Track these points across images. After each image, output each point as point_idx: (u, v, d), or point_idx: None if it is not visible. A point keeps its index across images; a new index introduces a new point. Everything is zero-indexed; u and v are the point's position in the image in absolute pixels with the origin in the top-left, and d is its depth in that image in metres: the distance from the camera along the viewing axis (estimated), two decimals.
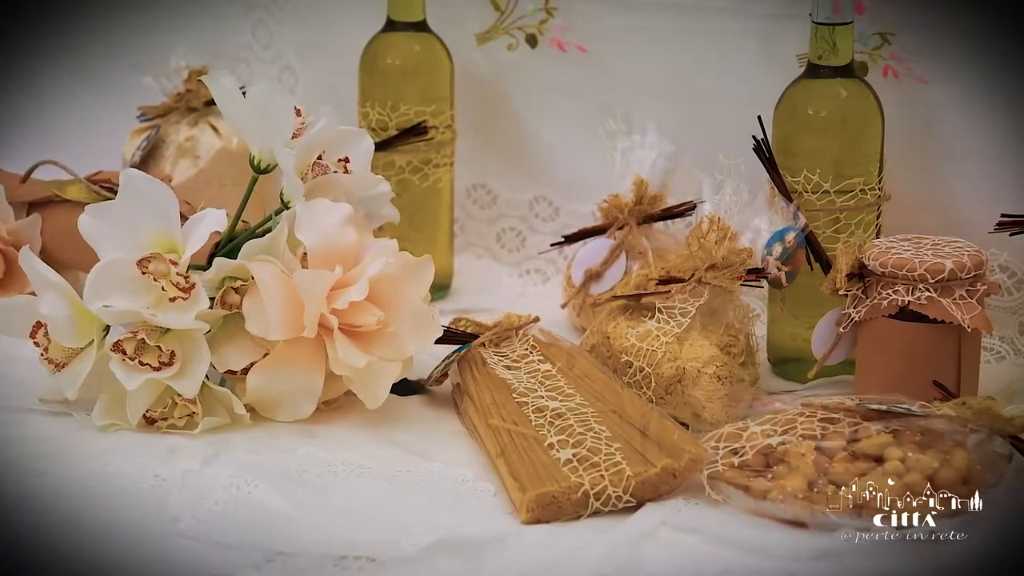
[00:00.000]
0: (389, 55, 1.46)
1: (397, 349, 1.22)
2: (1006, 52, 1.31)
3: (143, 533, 1.06)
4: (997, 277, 1.33)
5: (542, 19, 1.51)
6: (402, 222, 1.37)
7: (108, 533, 1.06)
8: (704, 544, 1.05)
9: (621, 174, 1.41)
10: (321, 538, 1.06)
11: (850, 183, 1.28)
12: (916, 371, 1.18)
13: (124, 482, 1.13)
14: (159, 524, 1.07)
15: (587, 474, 1.10)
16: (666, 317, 1.25)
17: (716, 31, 1.43)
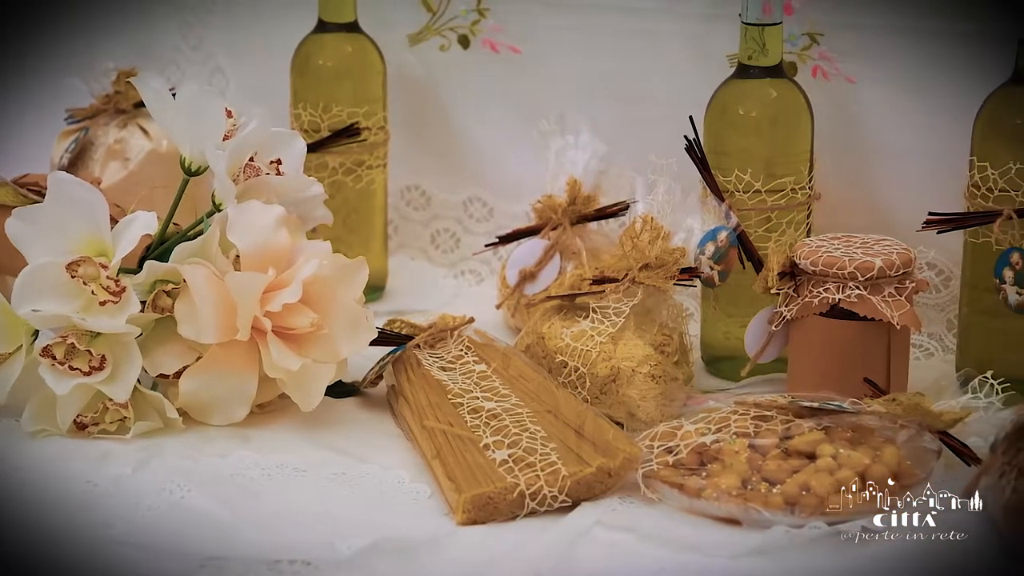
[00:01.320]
0: (321, 56, 1.46)
1: (331, 351, 1.21)
2: (932, 51, 1.33)
3: (75, 540, 1.05)
4: (925, 275, 1.35)
5: (474, 20, 1.51)
6: (336, 224, 1.36)
7: (40, 540, 1.05)
8: (639, 543, 1.06)
9: (554, 174, 1.42)
10: (256, 542, 1.06)
11: (781, 182, 1.29)
12: (847, 368, 1.19)
13: (55, 488, 1.11)
14: (91, 531, 1.06)
15: (523, 474, 1.10)
16: (600, 317, 1.25)
17: (648, 32, 1.43)
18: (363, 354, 1.26)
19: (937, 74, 1.33)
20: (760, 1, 1.26)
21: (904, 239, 1.24)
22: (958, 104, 1.29)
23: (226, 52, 1.60)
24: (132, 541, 1.05)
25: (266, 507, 1.10)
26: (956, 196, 1.27)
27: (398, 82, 1.51)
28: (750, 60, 1.29)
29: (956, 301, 1.33)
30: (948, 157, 1.31)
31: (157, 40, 1.61)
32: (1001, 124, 1.23)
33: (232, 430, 1.21)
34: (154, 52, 1.61)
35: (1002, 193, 1.23)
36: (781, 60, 1.29)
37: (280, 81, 1.49)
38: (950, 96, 1.32)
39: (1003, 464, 1.02)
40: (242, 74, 1.59)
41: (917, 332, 1.30)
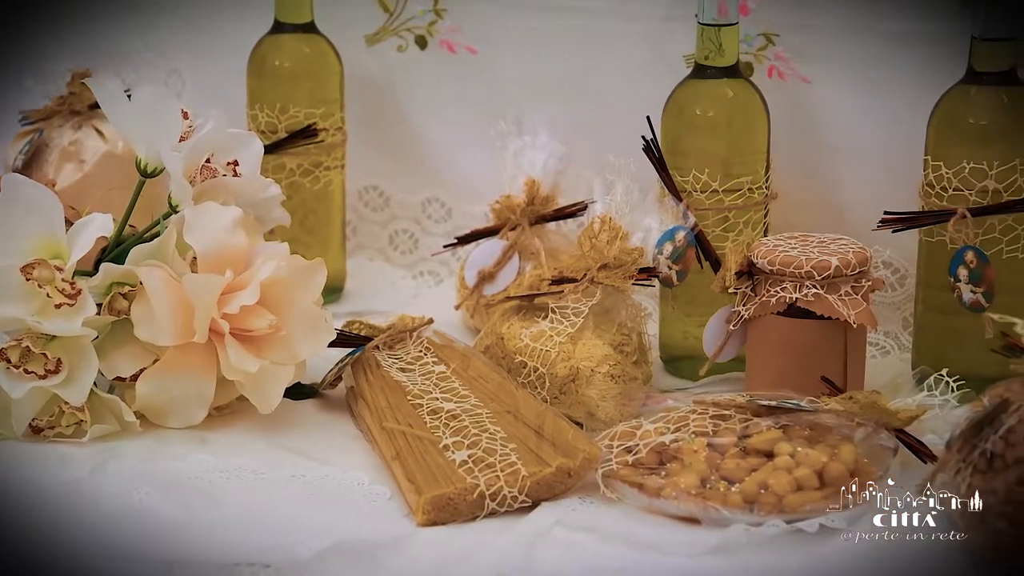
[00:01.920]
0: (277, 57, 1.45)
1: (290, 353, 1.21)
2: (887, 52, 1.33)
3: (32, 545, 1.04)
4: (881, 273, 1.36)
5: (431, 20, 1.51)
6: (293, 225, 1.36)
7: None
8: (599, 542, 1.06)
9: (513, 175, 1.42)
10: (215, 545, 1.05)
11: (738, 182, 1.30)
12: (804, 367, 1.20)
13: (11, 493, 1.10)
14: (48, 535, 1.05)
15: (483, 475, 1.10)
16: (559, 317, 1.26)
17: (604, 32, 1.44)
18: (322, 356, 1.26)
19: (892, 74, 1.34)
20: (716, 2, 1.27)
21: (860, 238, 1.24)
22: (913, 104, 1.30)
23: (182, 53, 1.59)
24: (89, 546, 1.04)
25: (225, 510, 1.10)
26: (911, 195, 1.28)
27: (355, 83, 1.51)
28: (707, 60, 1.29)
29: (912, 299, 1.34)
30: (903, 156, 1.32)
31: (112, 41, 1.60)
32: (955, 123, 1.24)
33: (190, 433, 1.20)
34: (109, 53, 1.60)
35: (956, 192, 1.24)
36: (737, 60, 1.30)
37: (236, 82, 1.48)
38: (905, 96, 1.33)
39: (958, 461, 1.03)
40: (198, 75, 1.58)
41: (873, 330, 1.31)
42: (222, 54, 1.55)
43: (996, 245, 1.23)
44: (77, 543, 1.05)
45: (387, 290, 1.53)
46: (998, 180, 1.23)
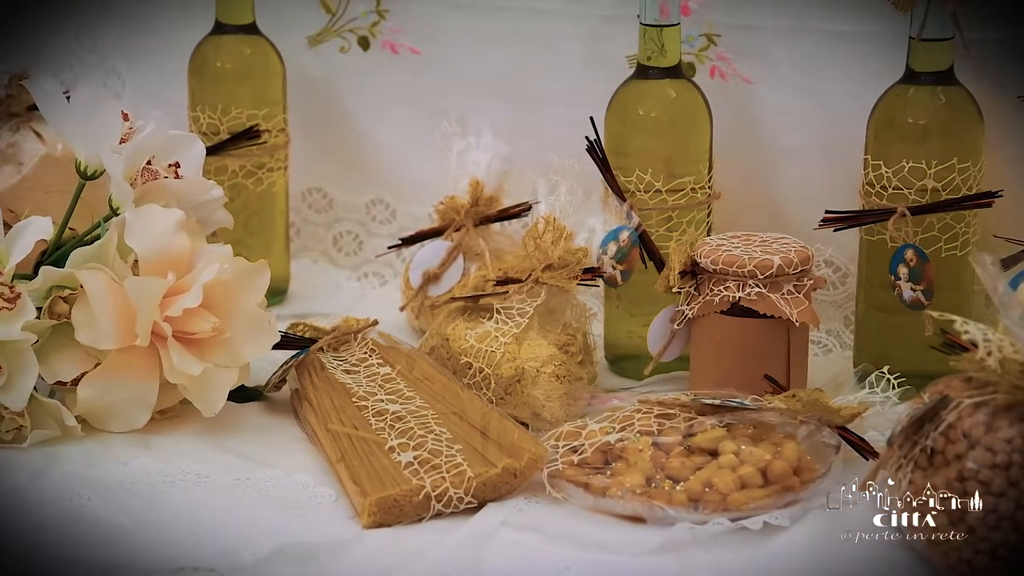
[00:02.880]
0: (219, 58, 1.44)
1: (233, 356, 1.20)
2: (827, 52, 1.34)
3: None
4: (823, 272, 1.37)
5: (374, 21, 1.51)
6: (236, 227, 1.35)
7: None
8: (545, 542, 1.06)
9: (457, 176, 1.42)
10: (158, 550, 1.04)
11: (681, 182, 1.30)
12: (748, 365, 1.21)
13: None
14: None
15: (428, 476, 1.10)
16: (504, 318, 1.26)
17: (547, 33, 1.44)
18: (266, 358, 1.25)
19: (832, 74, 1.35)
20: (658, 3, 1.27)
21: (802, 237, 1.25)
22: (853, 103, 1.31)
23: (121, 54, 1.58)
24: (31, 552, 1.03)
25: (169, 514, 1.09)
26: (852, 194, 1.29)
27: (298, 84, 1.50)
28: (649, 61, 1.30)
29: (853, 298, 1.35)
30: (844, 156, 1.33)
31: (50, 42, 1.58)
32: (894, 122, 1.25)
33: (132, 437, 1.20)
34: (47, 54, 1.58)
35: (896, 191, 1.25)
36: (679, 61, 1.31)
37: (177, 83, 1.47)
38: (845, 96, 1.34)
39: (899, 458, 1.04)
40: (138, 76, 1.57)
41: (816, 329, 1.32)
42: (162, 55, 1.54)
43: (935, 243, 1.25)
44: (18, 549, 1.03)
45: (331, 292, 1.52)
46: (937, 179, 1.24)
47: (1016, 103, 1.28)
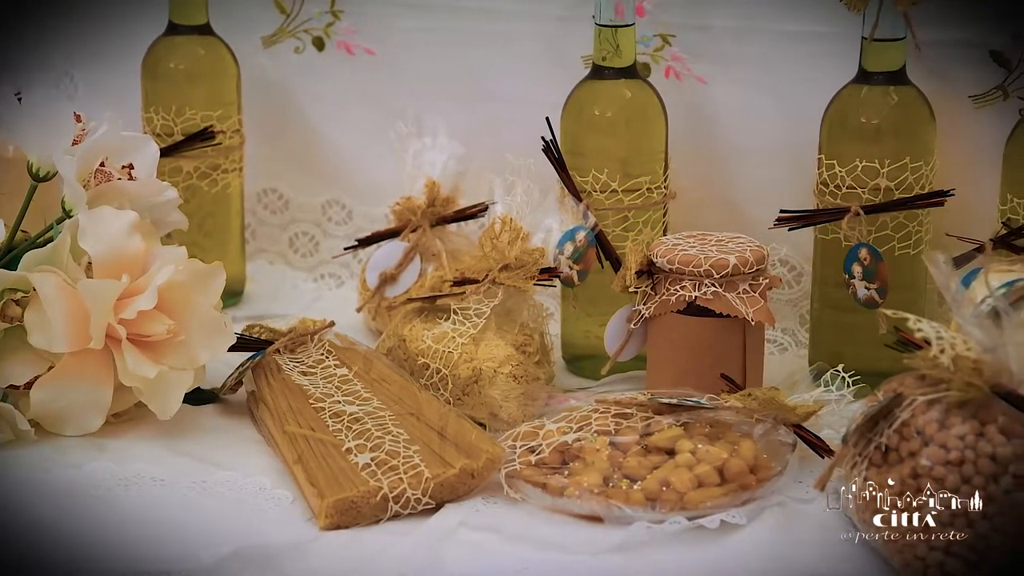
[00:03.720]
0: (172, 59, 1.44)
1: (189, 358, 1.20)
2: (781, 52, 1.35)
3: None
4: (778, 271, 1.38)
5: (328, 22, 1.50)
6: (191, 229, 1.35)
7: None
8: (503, 543, 1.06)
9: (413, 176, 1.41)
10: (115, 554, 1.04)
11: (637, 182, 1.31)
12: (704, 364, 1.21)
13: None
14: None
15: (386, 478, 1.10)
16: (461, 318, 1.26)
17: (502, 33, 1.44)
18: (222, 360, 1.25)
19: (786, 74, 1.36)
20: (612, 3, 1.28)
21: (757, 236, 1.26)
22: (807, 103, 1.31)
23: (74, 55, 1.57)
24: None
25: (125, 518, 1.08)
26: (807, 193, 1.30)
27: (253, 85, 1.49)
28: (604, 61, 1.30)
29: (808, 297, 1.36)
30: (798, 155, 1.34)
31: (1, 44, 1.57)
32: (847, 122, 1.26)
33: (87, 440, 1.19)
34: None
35: (850, 190, 1.26)
36: (635, 61, 1.31)
37: (131, 85, 1.46)
38: (799, 96, 1.35)
39: (854, 455, 1.05)
40: (91, 78, 1.56)
41: (771, 327, 1.33)
42: (115, 56, 1.53)
43: (889, 242, 1.26)
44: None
45: (287, 293, 1.52)
46: (890, 178, 1.25)
47: (967, 102, 1.29)
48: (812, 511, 1.09)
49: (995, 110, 1.28)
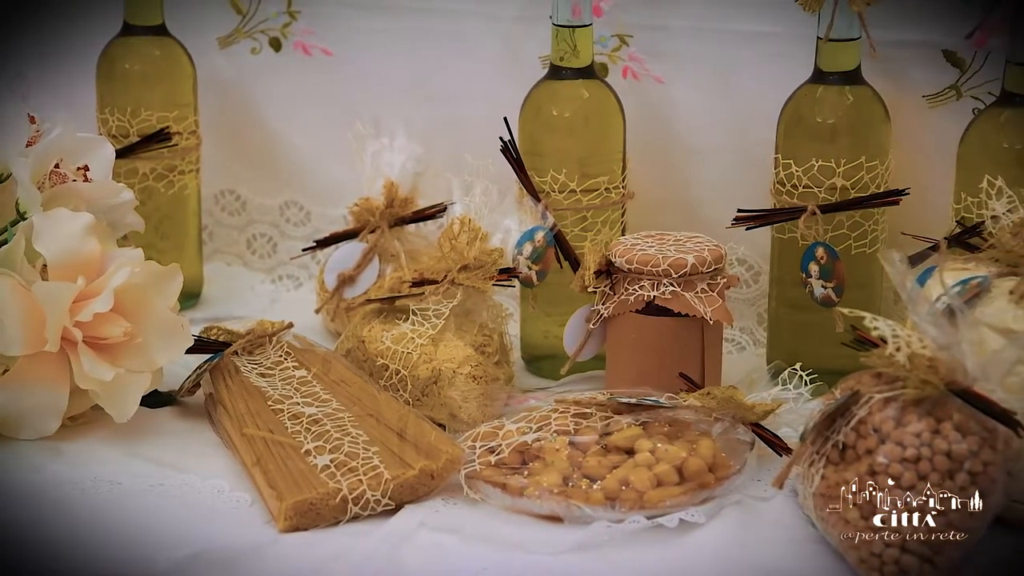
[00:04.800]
0: (127, 60, 1.43)
1: (146, 360, 1.19)
2: (738, 52, 1.36)
3: None
4: (735, 270, 1.38)
5: (285, 22, 1.50)
6: (148, 230, 1.34)
7: None
8: (463, 543, 1.06)
9: (371, 177, 1.41)
10: (73, 559, 1.03)
11: (595, 182, 1.31)
12: (663, 364, 1.22)
13: None
14: None
15: (345, 479, 1.10)
16: (420, 319, 1.25)
17: (460, 34, 1.44)
18: (179, 362, 1.24)
19: (743, 74, 1.36)
20: (570, 3, 1.28)
21: (715, 236, 1.26)
22: (764, 103, 1.32)
23: (27, 56, 1.55)
24: None
25: (82, 522, 1.08)
26: (764, 193, 1.31)
27: (209, 86, 1.49)
28: (562, 61, 1.30)
29: (765, 296, 1.37)
30: (755, 155, 1.34)
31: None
32: (803, 122, 1.27)
33: (43, 444, 1.18)
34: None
35: (806, 189, 1.26)
36: (592, 61, 1.31)
37: (85, 85, 1.45)
38: (756, 95, 1.35)
39: (812, 453, 1.06)
40: (45, 78, 1.55)
41: (729, 327, 1.33)
42: (70, 57, 1.52)
43: (845, 241, 1.26)
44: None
45: (245, 295, 1.51)
46: (846, 177, 1.26)
47: (921, 102, 1.30)
48: (770, 509, 1.09)
49: (949, 110, 1.29)
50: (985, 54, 1.27)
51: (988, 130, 1.21)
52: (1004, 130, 1.20)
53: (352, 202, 1.42)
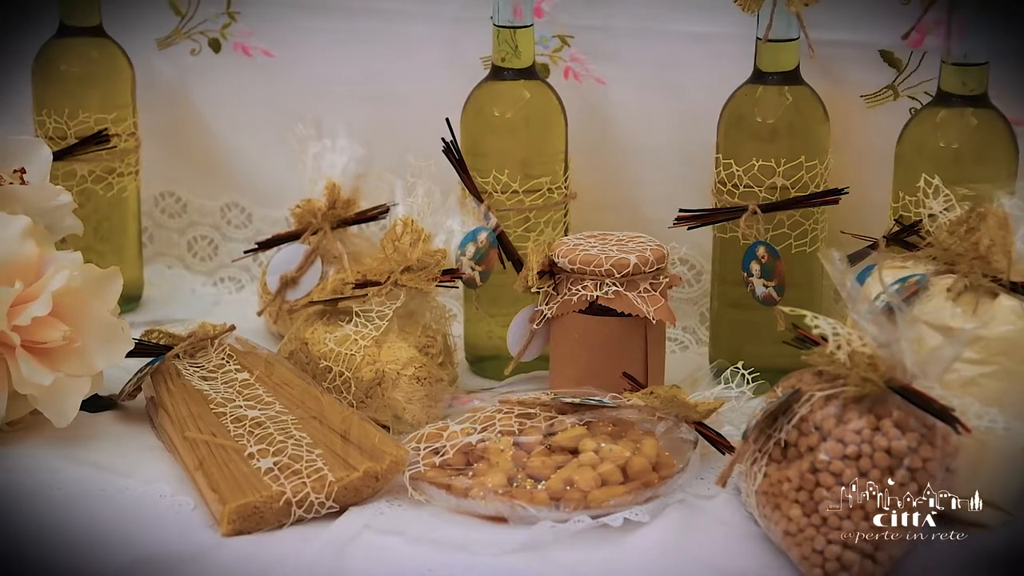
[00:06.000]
0: (64, 61, 1.41)
1: (86, 364, 1.18)
2: (678, 53, 1.36)
3: None
4: (678, 270, 1.39)
5: (225, 23, 1.49)
6: (87, 233, 1.33)
7: None
8: (408, 545, 1.06)
9: (313, 179, 1.41)
10: (12, 567, 1.02)
11: (537, 183, 1.31)
12: (606, 363, 1.22)
13: None
14: None
15: (289, 482, 1.09)
16: (364, 321, 1.25)
17: (401, 34, 1.44)
18: (120, 366, 1.23)
19: (684, 74, 1.37)
20: (511, 4, 1.28)
21: (657, 236, 1.27)
22: (705, 103, 1.33)
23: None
24: None
25: (22, 529, 1.07)
26: (705, 193, 1.31)
27: (148, 87, 1.48)
28: (503, 62, 1.30)
29: (708, 295, 1.37)
30: (697, 155, 1.35)
31: None
32: (743, 122, 1.28)
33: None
34: None
35: (747, 189, 1.27)
36: (534, 62, 1.32)
37: (21, 87, 1.43)
38: (697, 96, 1.36)
39: (755, 451, 1.06)
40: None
41: (672, 326, 1.34)
42: (4, 58, 1.50)
43: (785, 240, 1.27)
44: None
45: (187, 298, 1.50)
46: (785, 176, 1.26)
47: (859, 102, 1.31)
48: (714, 507, 1.10)
49: (886, 109, 1.30)
50: (921, 54, 1.28)
51: (925, 129, 1.22)
52: (940, 129, 1.22)
53: (294, 204, 1.41)
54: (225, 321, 1.30)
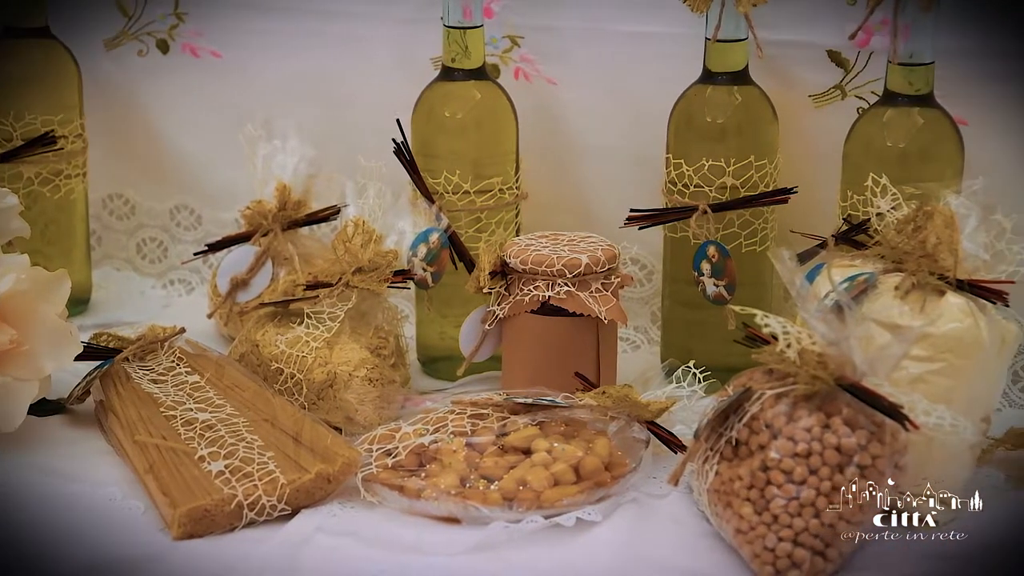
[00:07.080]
0: (9, 63, 1.40)
1: (33, 368, 1.17)
2: (629, 53, 1.37)
3: None
4: (629, 270, 1.40)
5: (172, 24, 1.48)
6: (34, 236, 1.31)
7: None
8: (360, 546, 1.06)
9: (263, 180, 1.40)
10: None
11: (489, 183, 1.31)
12: (558, 363, 1.22)
13: None
14: None
15: (240, 485, 1.09)
16: (315, 322, 1.25)
17: (351, 35, 1.43)
18: (68, 370, 1.22)
19: (634, 75, 1.37)
20: (460, 5, 1.28)
21: (608, 236, 1.27)
22: (655, 103, 1.33)
23: None
24: None
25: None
26: (656, 192, 1.32)
27: (95, 88, 1.46)
28: (454, 63, 1.30)
29: (659, 294, 1.38)
30: (647, 155, 1.35)
31: None
32: (693, 121, 1.28)
33: None
34: None
35: (697, 189, 1.28)
36: (484, 62, 1.32)
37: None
38: (648, 96, 1.36)
39: (706, 450, 1.07)
40: None
41: (624, 326, 1.34)
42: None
43: (736, 239, 1.28)
44: None
45: (136, 300, 1.49)
46: (735, 176, 1.27)
47: (807, 102, 1.32)
48: (666, 506, 1.10)
49: (834, 109, 1.31)
50: (868, 54, 1.30)
51: (872, 129, 1.23)
52: (887, 129, 1.23)
53: (244, 205, 1.41)
54: (175, 324, 1.29)
